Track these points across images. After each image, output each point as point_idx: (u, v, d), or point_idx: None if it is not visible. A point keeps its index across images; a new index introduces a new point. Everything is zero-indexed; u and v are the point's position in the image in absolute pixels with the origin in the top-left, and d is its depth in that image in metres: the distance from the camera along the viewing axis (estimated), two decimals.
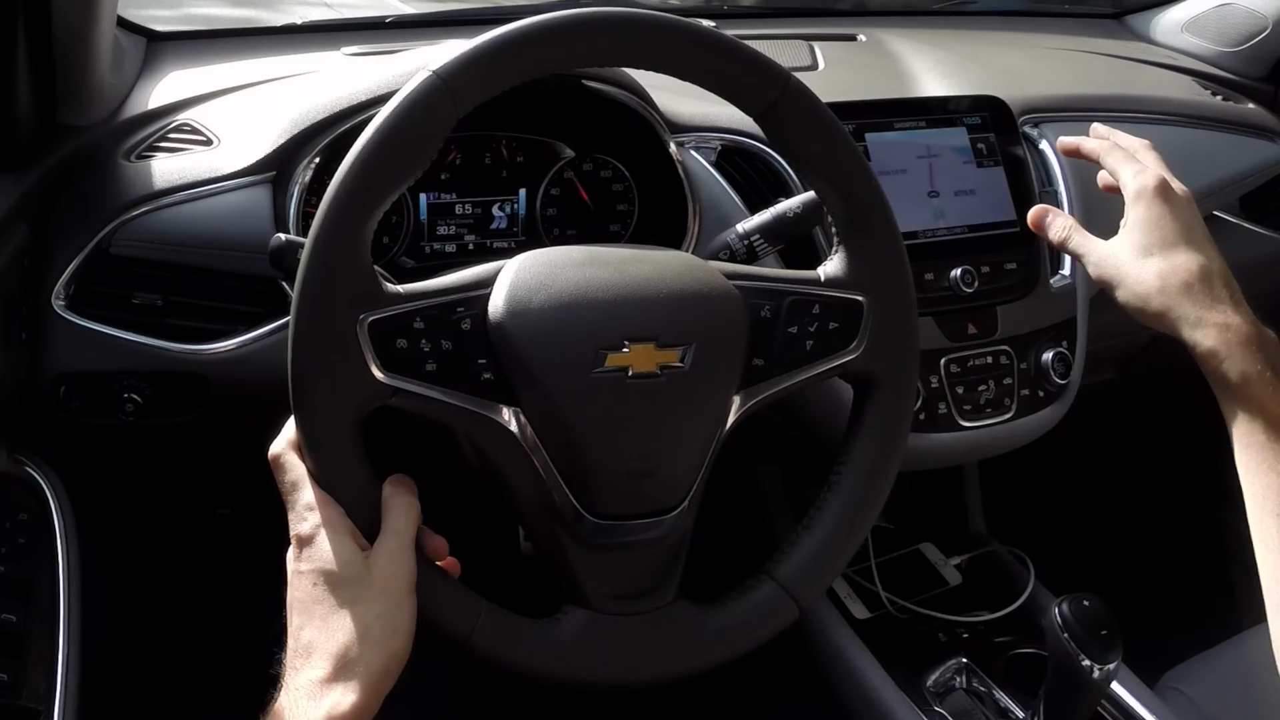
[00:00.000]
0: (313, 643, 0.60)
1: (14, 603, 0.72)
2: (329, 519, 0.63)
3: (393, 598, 0.62)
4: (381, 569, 0.62)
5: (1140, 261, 0.80)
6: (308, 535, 0.63)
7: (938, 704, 1.02)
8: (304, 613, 0.61)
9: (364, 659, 0.60)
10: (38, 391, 0.91)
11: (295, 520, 0.64)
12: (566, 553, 0.70)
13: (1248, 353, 0.74)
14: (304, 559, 0.62)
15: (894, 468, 0.76)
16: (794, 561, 0.74)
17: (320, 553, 0.62)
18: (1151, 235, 0.81)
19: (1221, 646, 1.04)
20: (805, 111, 0.73)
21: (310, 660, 0.60)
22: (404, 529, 0.65)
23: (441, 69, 0.65)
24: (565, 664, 0.69)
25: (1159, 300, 0.79)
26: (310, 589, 0.62)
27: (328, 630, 0.60)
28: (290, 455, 0.65)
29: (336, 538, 0.62)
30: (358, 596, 0.61)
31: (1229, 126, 1.31)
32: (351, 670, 0.59)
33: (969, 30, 1.53)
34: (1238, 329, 0.75)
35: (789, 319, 0.74)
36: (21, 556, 0.74)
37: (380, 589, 0.62)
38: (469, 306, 0.67)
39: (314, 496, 0.64)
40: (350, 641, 0.60)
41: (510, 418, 0.68)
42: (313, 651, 0.60)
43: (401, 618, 0.62)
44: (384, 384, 0.64)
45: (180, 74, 1.10)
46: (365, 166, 0.64)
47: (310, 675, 0.59)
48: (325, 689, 0.59)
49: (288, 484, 0.65)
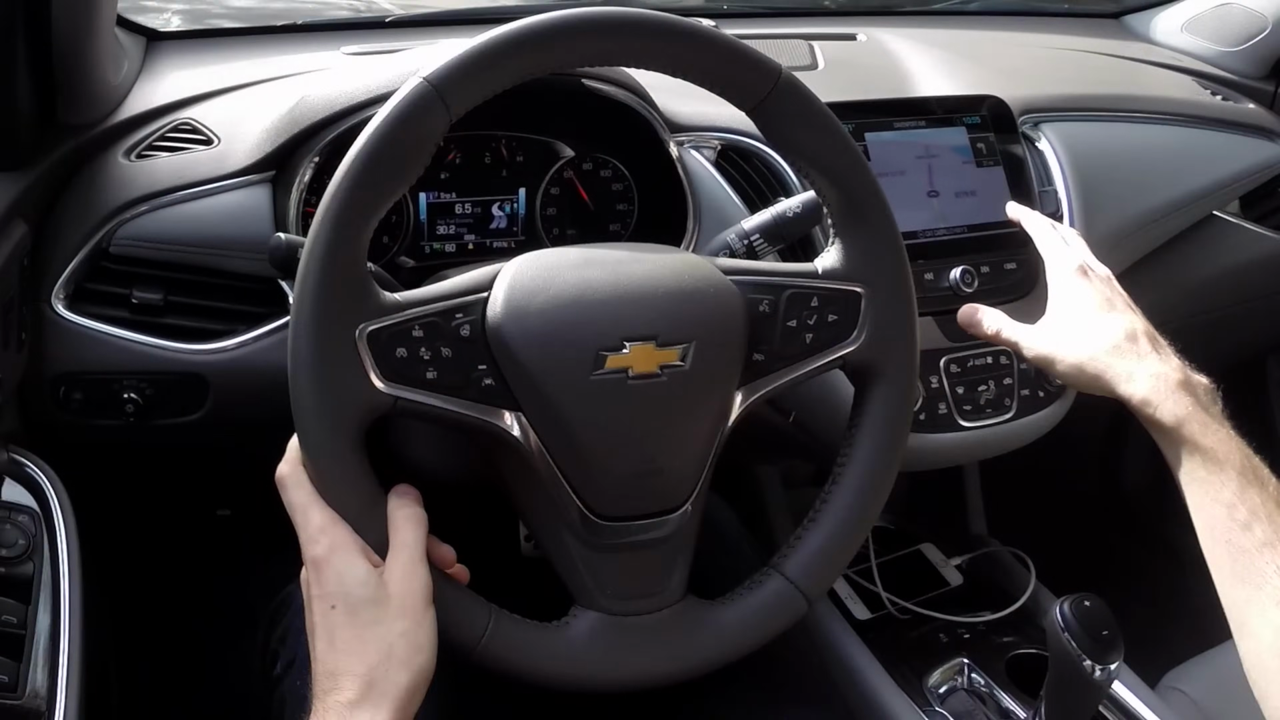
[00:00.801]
0: (339, 666, 0.61)
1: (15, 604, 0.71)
2: (340, 540, 0.63)
3: (412, 614, 0.62)
4: (398, 586, 0.62)
5: (1067, 336, 0.86)
6: (322, 558, 0.63)
7: (938, 704, 1.02)
8: (327, 637, 0.62)
9: (391, 678, 0.60)
10: (37, 391, 0.91)
11: (307, 543, 0.64)
12: (573, 555, 0.70)
13: (1179, 396, 0.79)
14: (320, 583, 0.63)
15: (897, 459, 0.76)
16: (801, 555, 0.74)
17: (336, 576, 0.62)
18: (1073, 310, 0.87)
19: (1221, 646, 1.04)
20: (797, 104, 0.73)
21: (338, 683, 0.60)
22: (414, 541, 0.64)
23: (432, 75, 0.65)
24: (578, 666, 0.69)
25: (1091, 366, 0.84)
26: (329, 612, 0.62)
27: (352, 654, 0.61)
28: (296, 474, 0.65)
29: (350, 559, 0.63)
30: (379, 617, 0.61)
31: (1229, 126, 1.31)
32: (380, 691, 0.60)
33: (969, 30, 1.53)
34: (1167, 377, 0.80)
35: (788, 312, 0.74)
36: (22, 556, 0.74)
37: (399, 606, 0.62)
38: (467, 312, 0.67)
39: (323, 518, 0.64)
40: (376, 663, 0.60)
41: (512, 422, 0.67)
42: (339, 675, 0.60)
43: (423, 633, 0.63)
44: (384, 394, 0.64)
45: (180, 74, 1.10)
46: (357, 177, 0.64)
47: (339, 697, 0.60)
48: (355, 711, 0.59)
49: (296, 505, 0.65)
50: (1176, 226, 1.23)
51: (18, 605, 0.72)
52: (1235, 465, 0.76)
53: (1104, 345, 0.84)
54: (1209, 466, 0.76)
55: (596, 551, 0.70)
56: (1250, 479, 0.75)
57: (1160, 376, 0.80)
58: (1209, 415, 0.79)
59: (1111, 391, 0.82)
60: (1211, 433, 0.77)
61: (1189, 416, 0.78)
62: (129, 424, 0.93)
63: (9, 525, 0.75)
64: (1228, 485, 0.75)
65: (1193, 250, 1.26)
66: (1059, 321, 0.88)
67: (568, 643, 0.69)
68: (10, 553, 0.73)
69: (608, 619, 0.70)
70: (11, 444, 0.83)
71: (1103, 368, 0.83)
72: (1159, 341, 0.85)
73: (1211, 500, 0.76)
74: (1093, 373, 0.84)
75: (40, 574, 0.74)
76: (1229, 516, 0.74)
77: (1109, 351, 0.83)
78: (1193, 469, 0.77)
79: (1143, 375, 0.81)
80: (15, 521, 0.75)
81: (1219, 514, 0.75)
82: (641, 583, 0.71)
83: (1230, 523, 0.74)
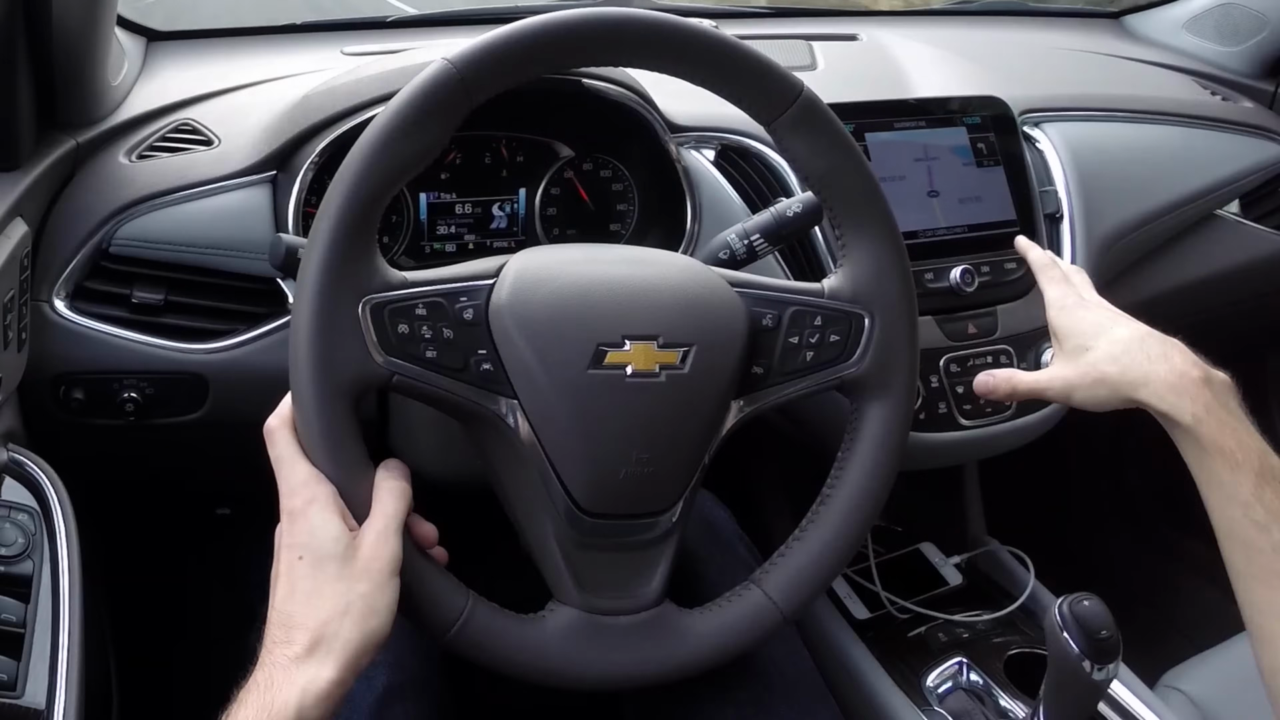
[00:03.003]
0: (293, 615, 0.61)
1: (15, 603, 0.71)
2: (319, 496, 0.64)
3: (375, 578, 0.62)
4: (367, 549, 0.63)
5: (1077, 363, 0.85)
6: (298, 510, 0.63)
7: (937, 704, 1.02)
8: (288, 585, 0.62)
9: (342, 635, 0.60)
10: (37, 391, 0.91)
11: (286, 495, 0.64)
12: (556, 549, 0.70)
13: (1196, 395, 0.78)
14: (292, 533, 0.63)
15: (887, 485, 0.77)
16: (782, 572, 0.74)
17: (308, 528, 0.63)
18: (1077, 338, 0.86)
19: (1221, 646, 1.04)
20: (816, 123, 0.74)
21: (289, 635, 0.60)
22: (393, 512, 0.65)
23: (456, 58, 0.66)
24: (549, 661, 0.69)
25: (1107, 382, 0.83)
26: (295, 563, 0.62)
27: (309, 605, 0.61)
28: (284, 430, 0.66)
29: (325, 515, 0.63)
30: (341, 574, 0.62)
31: (1229, 126, 1.31)
32: (329, 646, 0.60)
33: (969, 30, 1.53)
34: (1182, 376, 0.79)
35: (790, 329, 0.74)
36: (21, 555, 0.74)
37: (364, 569, 0.62)
38: (472, 296, 0.68)
39: (306, 473, 0.64)
40: (330, 617, 0.60)
41: (507, 410, 0.68)
42: (293, 625, 0.61)
43: (382, 599, 0.63)
44: (381, 366, 0.65)
45: (180, 74, 1.10)
46: (376, 147, 0.65)
47: (288, 650, 0.60)
48: (302, 663, 0.59)
49: (280, 458, 0.65)
50: (1176, 226, 1.23)
51: (17, 604, 0.71)
52: (1253, 466, 0.75)
53: (1113, 359, 0.83)
54: (1226, 467, 0.75)
55: (579, 548, 0.70)
56: (1268, 479, 0.74)
57: (1176, 376, 0.79)
58: (1227, 412, 0.78)
59: (1133, 400, 0.82)
60: (1229, 432, 0.76)
61: (1205, 416, 0.77)
62: (129, 423, 0.94)
63: (8, 524, 0.75)
64: (1244, 486, 0.74)
65: (1193, 250, 1.26)
66: (1067, 353, 0.87)
67: (541, 636, 0.69)
68: (10, 551, 0.73)
69: (583, 616, 0.70)
70: (11, 443, 0.83)
71: (1116, 380, 0.82)
72: (1169, 341, 0.84)
73: (1228, 500, 0.75)
74: (1110, 388, 0.83)
75: (40, 573, 0.74)
76: (1245, 517, 0.73)
77: (1119, 363, 0.83)
78: (1210, 470, 0.76)
79: (1157, 378, 0.80)
80: (15, 520, 0.75)
81: (1235, 515, 0.74)
82: (621, 583, 0.71)
83: (1247, 524, 0.73)
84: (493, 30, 0.68)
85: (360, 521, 0.65)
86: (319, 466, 0.64)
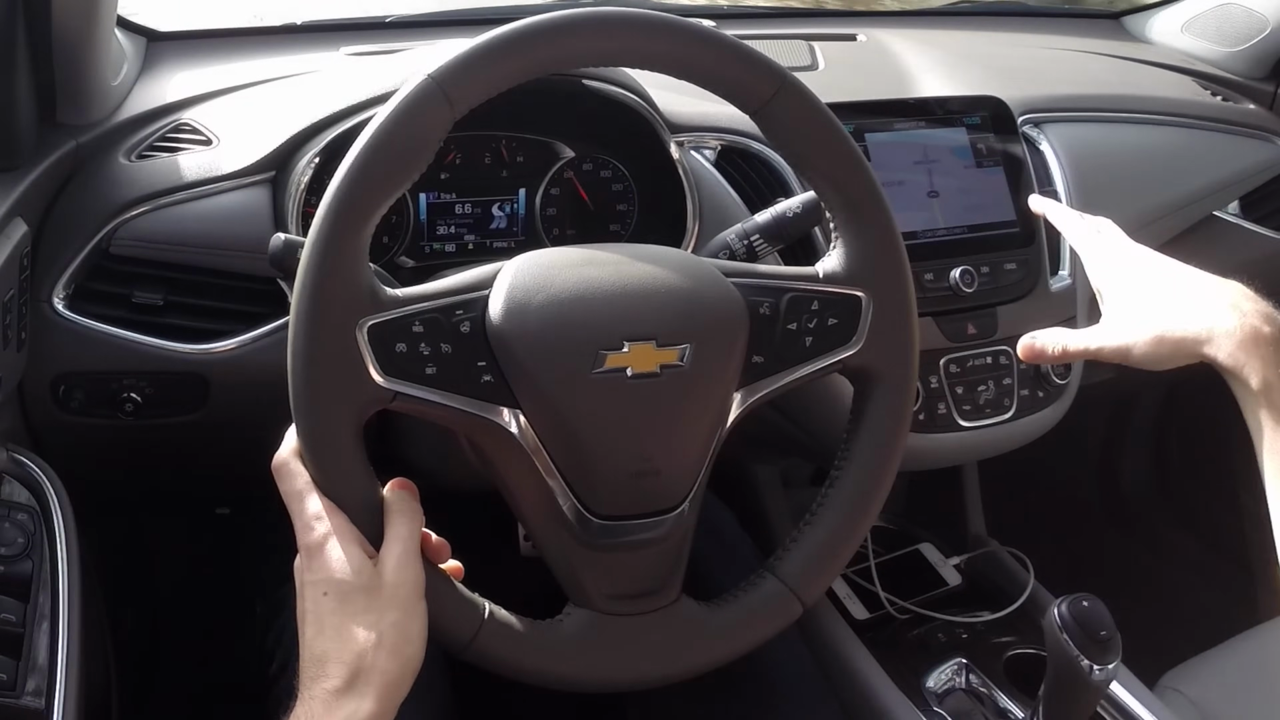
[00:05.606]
0: (327, 652, 0.60)
1: (14, 602, 0.72)
2: (336, 528, 0.63)
3: (404, 605, 0.62)
4: (391, 576, 0.63)
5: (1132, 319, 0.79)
6: (316, 545, 0.63)
7: (937, 704, 1.02)
8: (316, 623, 0.62)
9: (378, 667, 0.60)
10: (37, 391, 0.91)
11: (302, 530, 0.64)
12: (569, 553, 0.70)
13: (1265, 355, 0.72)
14: (313, 569, 0.63)
15: (895, 463, 0.76)
16: (796, 558, 0.74)
17: (330, 562, 0.62)
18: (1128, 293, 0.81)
19: (1221, 646, 1.04)
20: (801, 108, 0.73)
21: (325, 670, 0.60)
22: (408, 534, 0.65)
23: (436, 72, 0.65)
24: (570, 665, 0.69)
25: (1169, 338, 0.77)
26: (321, 599, 0.62)
27: (341, 640, 0.60)
28: (294, 463, 0.65)
29: (345, 547, 0.62)
30: (370, 605, 0.61)
31: (1229, 126, 1.31)
32: (366, 679, 0.60)
33: (969, 30, 1.53)
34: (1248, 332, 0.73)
35: (788, 315, 0.74)
36: (21, 555, 0.74)
37: (391, 596, 0.62)
38: (467, 309, 0.67)
39: (319, 506, 0.64)
40: (364, 650, 0.60)
41: (511, 419, 0.67)
42: (327, 661, 0.60)
43: (414, 625, 0.63)
44: (384, 388, 0.64)
45: (180, 74, 1.10)
46: (361, 172, 0.64)
47: (326, 685, 0.59)
48: (341, 698, 0.59)
49: (292, 493, 0.65)
50: (1176, 227, 1.23)
51: (16, 604, 0.72)
52: None
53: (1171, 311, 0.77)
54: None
55: (592, 551, 0.70)
56: None
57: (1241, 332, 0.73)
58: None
59: (1197, 356, 0.76)
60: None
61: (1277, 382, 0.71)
62: (129, 423, 0.94)
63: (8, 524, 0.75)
64: None
65: (1193, 250, 1.25)
66: (1118, 308, 0.81)
67: (560, 641, 0.69)
68: (9, 551, 0.73)
69: (601, 619, 0.70)
70: (11, 443, 0.83)
71: (1179, 336, 0.76)
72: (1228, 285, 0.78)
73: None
74: (1172, 345, 0.77)
75: (39, 572, 0.74)
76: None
77: (1177, 315, 0.77)
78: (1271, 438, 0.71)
79: (1223, 332, 0.74)
80: (14, 520, 0.75)
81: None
82: (636, 583, 0.71)
83: None
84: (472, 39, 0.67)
85: (376, 546, 0.64)
86: (331, 497, 0.64)
